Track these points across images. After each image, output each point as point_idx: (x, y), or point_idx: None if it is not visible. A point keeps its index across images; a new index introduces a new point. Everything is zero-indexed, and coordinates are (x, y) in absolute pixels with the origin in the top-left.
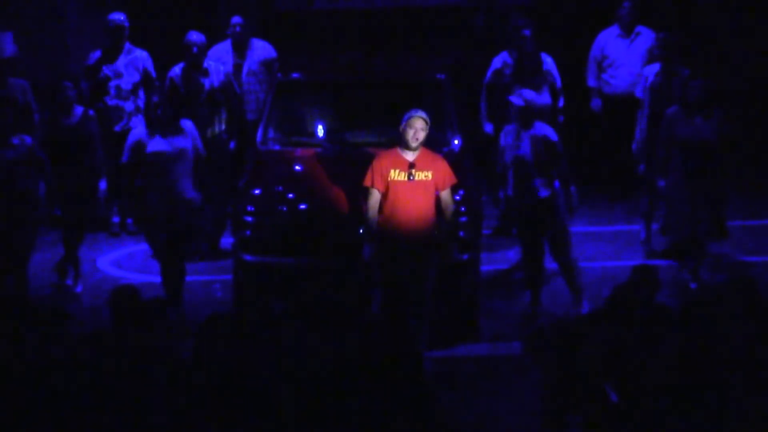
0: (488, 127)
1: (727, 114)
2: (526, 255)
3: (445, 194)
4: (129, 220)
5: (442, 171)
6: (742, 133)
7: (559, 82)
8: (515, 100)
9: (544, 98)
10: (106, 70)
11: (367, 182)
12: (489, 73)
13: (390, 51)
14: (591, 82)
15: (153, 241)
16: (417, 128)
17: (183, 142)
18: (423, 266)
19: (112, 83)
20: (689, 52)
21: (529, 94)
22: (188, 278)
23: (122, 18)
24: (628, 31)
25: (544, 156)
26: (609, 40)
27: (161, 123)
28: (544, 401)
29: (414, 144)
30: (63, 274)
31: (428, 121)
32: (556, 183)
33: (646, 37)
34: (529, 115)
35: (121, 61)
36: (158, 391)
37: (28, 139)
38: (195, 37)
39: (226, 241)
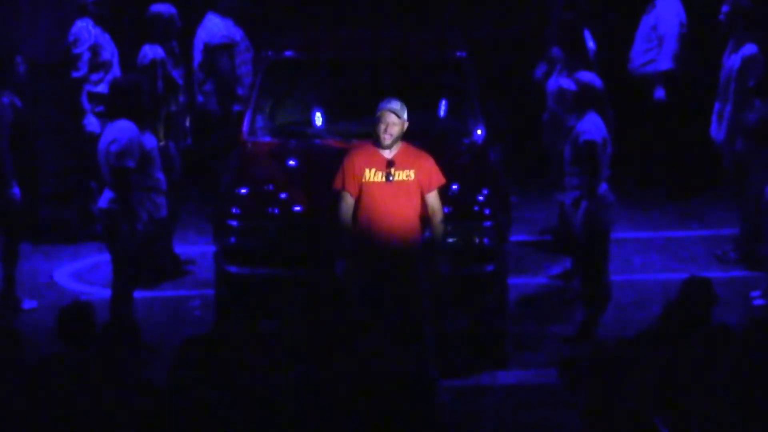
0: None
1: None
2: (588, 266)
3: (432, 197)
4: (99, 227)
5: (427, 170)
6: None
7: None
8: (566, 83)
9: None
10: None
11: (337, 184)
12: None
13: (405, 22)
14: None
15: (131, 252)
16: (388, 123)
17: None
18: (410, 284)
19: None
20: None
21: (585, 75)
22: (163, 294)
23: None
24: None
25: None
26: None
27: (151, 115)
28: None
29: (386, 141)
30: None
31: (402, 114)
32: (604, 185)
33: (663, 7)
34: (582, 100)
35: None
36: (128, 424)
37: None
38: (164, 8)
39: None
